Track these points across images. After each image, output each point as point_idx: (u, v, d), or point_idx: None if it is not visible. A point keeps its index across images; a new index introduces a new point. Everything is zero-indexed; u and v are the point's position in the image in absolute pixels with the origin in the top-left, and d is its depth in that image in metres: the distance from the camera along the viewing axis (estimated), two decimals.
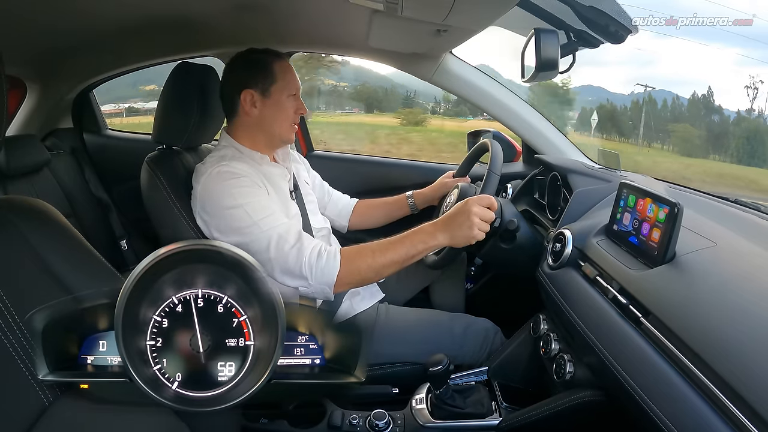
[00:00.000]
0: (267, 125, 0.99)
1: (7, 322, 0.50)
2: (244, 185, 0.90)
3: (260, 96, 0.97)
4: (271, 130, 1.00)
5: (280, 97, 0.98)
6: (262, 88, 0.97)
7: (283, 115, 0.99)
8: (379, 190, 1.43)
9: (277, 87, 0.98)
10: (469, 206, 0.88)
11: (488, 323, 1.08)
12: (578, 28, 0.88)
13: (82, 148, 1.62)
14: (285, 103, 0.99)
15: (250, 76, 0.97)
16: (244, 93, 0.97)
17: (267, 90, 0.97)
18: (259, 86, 0.97)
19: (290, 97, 0.99)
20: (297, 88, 1.00)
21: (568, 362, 0.80)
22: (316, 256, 0.87)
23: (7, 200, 0.56)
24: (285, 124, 1.00)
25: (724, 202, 0.96)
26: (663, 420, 0.52)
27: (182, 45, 1.36)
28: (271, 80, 0.97)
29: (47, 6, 0.93)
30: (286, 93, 0.98)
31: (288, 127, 1.01)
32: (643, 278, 0.67)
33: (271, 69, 0.97)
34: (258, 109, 0.98)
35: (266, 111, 0.98)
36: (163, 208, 0.97)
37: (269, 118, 0.99)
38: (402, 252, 0.88)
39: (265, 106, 0.98)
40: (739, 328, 0.52)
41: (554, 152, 1.31)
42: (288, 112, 0.99)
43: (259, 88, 0.97)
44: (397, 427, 0.88)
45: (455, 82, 1.33)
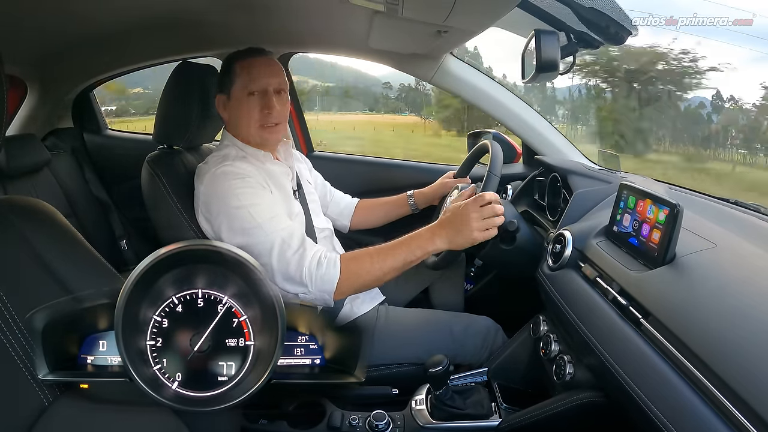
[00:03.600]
0: (236, 128, 0.98)
1: (7, 322, 0.50)
2: (249, 186, 0.89)
3: (226, 99, 0.97)
4: (241, 133, 0.98)
5: (240, 97, 0.95)
6: (227, 91, 0.97)
7: (244, 116, 0.95)
8: (379, 190, 1.43)
9: (236, 87, 0.95)
10: (466, 211, 0.88)
11: (489, 321, 1.08)
12: (578, 29, 0.88)
13: (83, 148, 1.62)
14: (244, 103, 0.95)
15: (220, 80, 0.98)
16: (217, 98, 0.98)
17: (228, 92, 0.96)
18: (225, 89, 0.97)
19: (250, 96, 0.94)
20: (261, 86, 0.95)
21: (568, 363, 0.80)
22: (317, 264, 0.86)
23: (7, 200, 0.56)
24: (249, 125, 0.96)
25: (723, 204, 0.96)
26: (663, 421, 0.52)
27: (182, 45, 1.36)
28: (231, 81, 0.96)
29: (48, 6, 0.93)
30: (245, 92, 0.94)
31: (254, 128, 0.96)
32: (643, 279, 0.67)
33: (232, 70, 0.96)
34: (227, 112, 0.98)
35: (232, 113, 0.98)
36: (163, 208, 0.97)
37: (234, 120, 0.98)
38: (400, 258, 0.88)
39: (231, 109, 0.97)
40: (740, 329, 0.52)
41: (554, 153, 1.31)
42: (249, 112, 0.95)
43: (225, 92, 0.97)
44: (396, 428, 0.88)
45: (455, 83, 1.33)
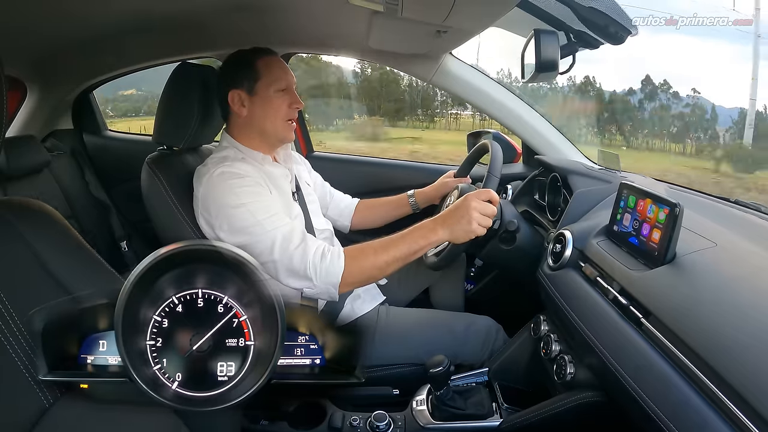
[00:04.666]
0: (258, 124, 0.99)
1: (7, 322, 0.50)
2: (247, 185, 0.90)
3: (247, 94, 0.97)
4: (264, 128, 0.99)
5: (266, 93, 0.97)
6: (247, 87, 0.97)
7: (272, 111, 0.97)
8: (380, 190, 1.43)
9: (263, 83, 0.96)
10: (468, 201, 0.88)
11: (490, 321, 1.08)
12: (578, 29, 0.88)
13: (82, 149, 1.62)
14: (273, 99, 0.97)
15: (236, 75, 0.98)
16: (231, 93, 0.97)
17: (252, 88, 0.97)
18: (244, 85, 0.97)
19: (278, 92, 0.97)
20: (288, 83, 0.98)
21: (568, 363, 0.80)
22: (320, 257, 0.87)
23: (6, 201, 0.56)
24: (276, 120, 0.98)
25: (723, 203, 0.96)
26: (663, 420, 0.52)
27: (182, 46, 1.36)
28: (256, 77, 0.96)
29: (47, 7, 0.93)
30: (273, 88, 0.96)
31: (282, 124, 0.99)
32: (644, 279, 0.67)
33: (255, 66, 0.97)
34: (247, 108, 0.98)
35: (255, 109, 0.98)
36: (163, 208, 0.97)
37: (259, 116, 0.98)
38: (404, 248, 0.87)
39: (253, 104, 0.98)
40: (740, 328, 0.52)
41: (554, 153, 1.31)
42: (278, 107, 0.97)
43: (245, 87, 0.97)
44: (397, 428, 0.88)
45: (455, 83, 1.33)
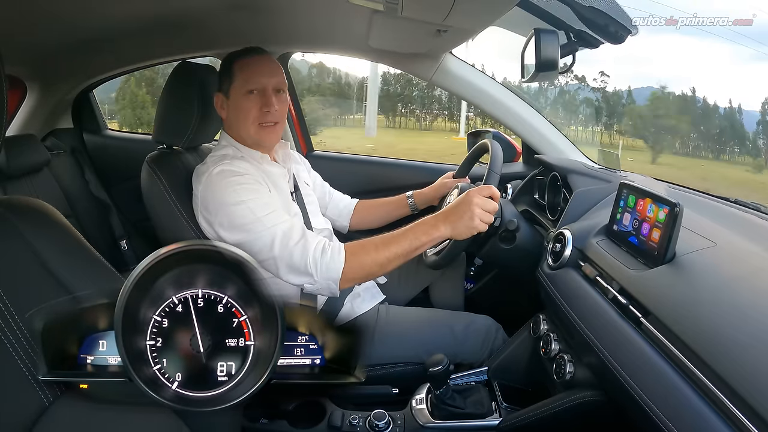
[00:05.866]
0: (235, 127, 0.98)
1: (7, 322, 0.50)
2: (246, 183, 0.90)
3: (225, 98, 0.98)
4: (239, 132, 0.98)
5: (237, 96, 0.95)
6: (225, 90, 0.97)
7: (242, 114, 0.95)
8: (379, 190, 1.43)
9: (235, 86, 0.95)
10: (470, 197, 0.87)
11: (489, 320, 1.08)
12: (578, 28, 0.88)
13: (82, 148, 1.62)
14: (242, 102, 0.95)
15: (220, 78, 0.98)
16: (215, 97, 0.98)
17: (228, 91, 0.97)
18: (223, 88, 0.97)
19: (248, 94, 0.94)
20: (261, 85, 0.94)
21: (568, 362, 0.80)
22: (321, 252, 0.86)
23: (6, 200, 0.56)
24: (247, 123, 0.95)
25: (723, 202, 0.96)
26: (663, 420, 0.52)
27: (182, 45, 1.36)
28: (230, 80, 0.96)
29: (47, 7, 0.93)
30: (244, 90, 0.94)
31: (253, 127, 0.95)
32: (643, 278, 0.67)
33: (231, 69, 0.96)
34: (225, 111, 0.98)
35: (231, 113, 0.98)
36: (163, 208, 0.97)
37: (233, 120, 0.98)
38: (405, 244, 0.87)
39: (229, 108, 0.98)
40: (739, 328, 0.52)
41: (554, 152, 1.31)
42: (247, 111, 0.94)
43: (224, 90, 0.97)
44: (397, 427, 0.88)
45: (455, 83, 1.33)
